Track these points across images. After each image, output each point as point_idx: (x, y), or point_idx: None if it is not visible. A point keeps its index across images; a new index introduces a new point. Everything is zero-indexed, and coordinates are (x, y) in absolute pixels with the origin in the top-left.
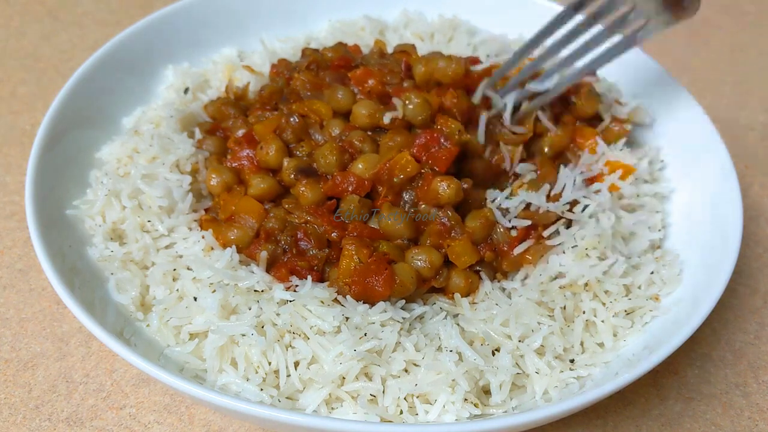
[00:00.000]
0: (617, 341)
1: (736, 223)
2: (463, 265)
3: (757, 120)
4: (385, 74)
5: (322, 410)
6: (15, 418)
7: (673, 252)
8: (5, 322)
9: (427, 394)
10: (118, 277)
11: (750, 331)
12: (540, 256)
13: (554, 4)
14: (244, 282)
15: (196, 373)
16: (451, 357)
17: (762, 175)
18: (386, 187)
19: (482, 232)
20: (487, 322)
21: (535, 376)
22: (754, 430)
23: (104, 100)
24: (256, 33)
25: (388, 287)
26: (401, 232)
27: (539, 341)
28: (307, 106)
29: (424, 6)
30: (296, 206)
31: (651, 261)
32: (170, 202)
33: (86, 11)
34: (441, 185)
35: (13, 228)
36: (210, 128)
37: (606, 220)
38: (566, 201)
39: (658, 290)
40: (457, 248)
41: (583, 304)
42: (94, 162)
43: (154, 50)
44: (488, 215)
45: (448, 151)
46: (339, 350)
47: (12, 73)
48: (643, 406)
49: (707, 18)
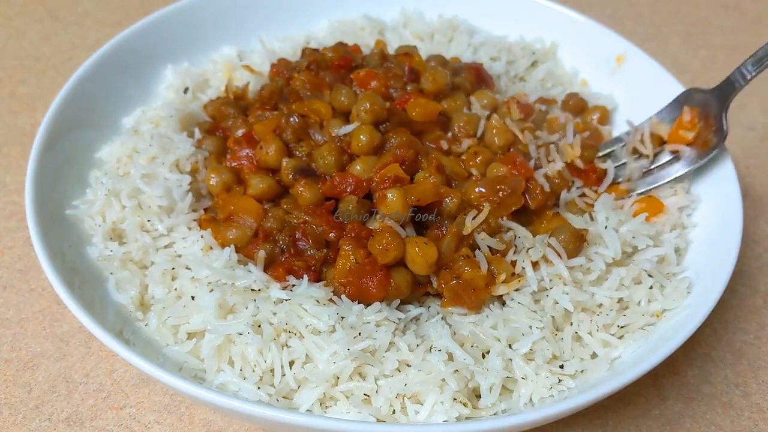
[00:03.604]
0: (609, 351)
1: (736, 223)
2: (417, 271)
3: (757, 120)
4: (389, 78)
5: (316, 409)
6: (15, 418)
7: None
8: (5, 322)
9: (417, 394)
10: (118, 276)
11: (750, 331)
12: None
13: (554, 5)
14: (241, 281)
15: (195, 373)
16: (440, 357)
17: (762, 175)
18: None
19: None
20: (477, 324)
21: (522, 381)
22: (754, 430)
23: (104, 100)
24: (256, 32)
25: (383, 289)
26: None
27: (528, 346)
28: (307, 106)
29: (424, 6)
30: (295, 206)
31: (656, 274)
32: (170, 202)
33: (86, 11)
34: (388, 194)
35: (13, 228)
36: (209, 128)
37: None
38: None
39: (659, 306)
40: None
41: (573, 316)
42: (94, 162)
43: (154, 50)
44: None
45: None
46: (333, 349)
47: (12, 73)
48: (643, 406)
49: (707, 18)
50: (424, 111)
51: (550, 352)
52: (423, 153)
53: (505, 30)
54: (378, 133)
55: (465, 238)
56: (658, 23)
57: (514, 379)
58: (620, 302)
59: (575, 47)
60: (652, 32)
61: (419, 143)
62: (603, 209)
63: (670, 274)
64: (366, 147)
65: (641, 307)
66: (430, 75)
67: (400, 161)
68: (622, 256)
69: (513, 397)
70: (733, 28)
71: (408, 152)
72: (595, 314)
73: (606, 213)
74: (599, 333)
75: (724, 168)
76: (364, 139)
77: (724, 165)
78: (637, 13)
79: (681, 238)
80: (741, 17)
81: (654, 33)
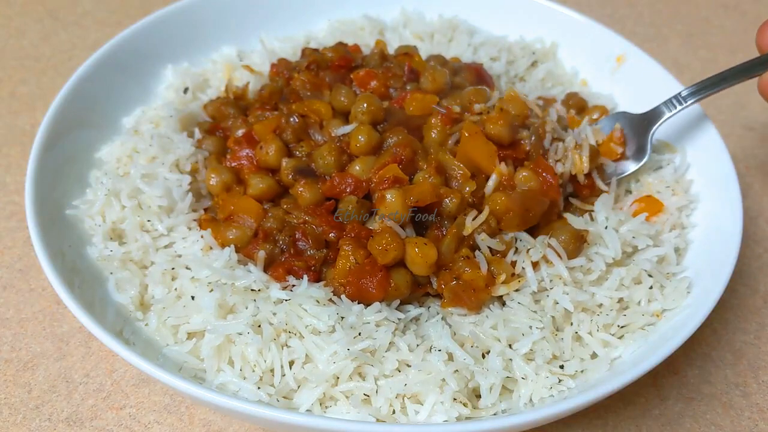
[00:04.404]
0: (609, 351)
1: (736, 223)
2: (417, 271)
3: (757, 120)
4: (389, 77)
5: (315, 409)
6: (15, 418)
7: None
8: (5, 322)
9: (417, 394)
10: (118, 276)
11: (750, 331)
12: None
13: (554, 5)
14: (241, 281)
15: (195, 373)
16: (440, 357)
17: (762, 175)
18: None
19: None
20: (477, 324)
21: (522, 381)
22: (754, 430)
23: (104, 100)
24: (256, 32)
25: (382, 289)
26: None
27: (528, 346)
28: (307, 106)
29: (424, 6)
30: (295, 206)
31: (656, 274)
32: (170, 202)
33: (86, 11)
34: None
35: (13, 228)
36: (209, 128)
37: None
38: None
39: (659, 306)
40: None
41: (573, 316)
42: (94, 162)
43: (154, 50)
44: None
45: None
46: (333, 349)
47: (12, 73)
48: (643, 406)
49: (707, 18)
50: (422, 105)
51: (550, 352)
52: (421, 152)
53: (505, 30)
54: (376, 134)
55: (465, 239)
56: (658, 23)
57: (514, 379)
58: (620, 302)
59: (575, 47)
60: (652, 32)
61: (416, 142)
62: (603, 209)
63: (670, 274)
64: (364, 147)
65: (641, 307)
66: (429, 74)
67: (398, 160)
68: (622, 256)
69: (513, 397)
70: (733, 28)
71: (405, 150)
72: (595, 314)
73: (606, 213)
74: (599, 333)
75: (724, 168)
76: (363, 139)
77: (724, 165)
78: (637, 13)
79: (681, 238)
80: (741, 17)
81: (654, 33)
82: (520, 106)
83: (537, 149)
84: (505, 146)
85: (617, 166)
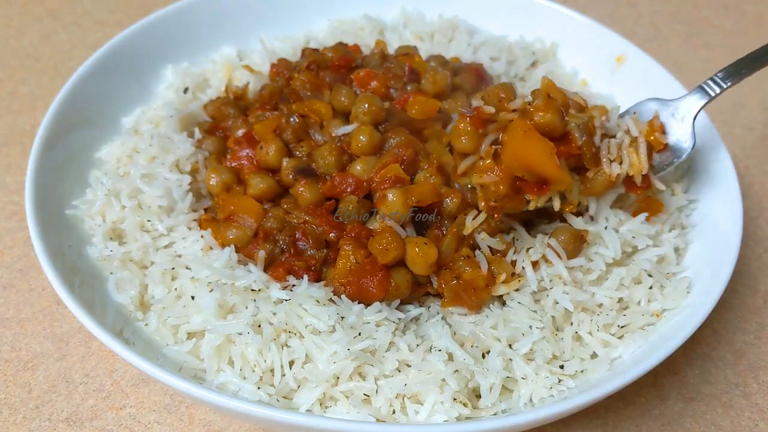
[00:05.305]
0: (609, 351)
1: (736, 223)
2: (417, 271)
3: (757, 120)
4: (389, 78)
5: (315, 409)
6: (15, 418)
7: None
8: (5, 322)
9: (417, 394)
10: (118, 276)
11: (750, 331)
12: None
13: (554, 5)
14: (241, 281)
15: (194, 373)
16: (440, 357)
17: (762, 175)
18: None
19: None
20: (477, 324)
21: (522, 381)
22: (754, 430)
23: (104, 100)
24: (256, 32)
25: (383, 289)
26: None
27: (528, 346)
28: (307, 106)
29: (424, 6)
30: (295, 206)
31: (656, 274)
32: (170, 202)
33: (86, 11)
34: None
35: (13, 228)
36: (209, 128)
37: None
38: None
39: (659, 306)
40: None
41: (573, 316)
42: (94, 162)
43: (154, 50)
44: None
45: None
46: (333, 349)
47: (12, 73)
48: (643, 406)
49: (707, 18)
50: (424, 108)
51: (550, 352)
52: (423, 153)
53: (505, 30)
54: (377, 134)
55: (465, 239)
56: (658, 23)
57: (514, 379)
58: (620, 302)
59: (575, 47)
60: (652, 32)
61: (418, 142)
62: (603, 209)
63: (669, 274)
64: (366, 147)
65: (641, 307)
66: (430, 76)
67: (400, 161)
68: (622, 256)
69: (513, 397)
70: (733, 28)
71: (407, 151)
72: (595, 314)
73: (606, 213)
74: (599, 333)
75: (724, 168)
76: (364, 139)
77: (724, 165)
78: (637, 13)
79: (681, 238)
80: (741, 17)
81: (654, 33)
82: (561, 95)
83: (589, 147)
84: (556, 140)
85: (661, 158)
